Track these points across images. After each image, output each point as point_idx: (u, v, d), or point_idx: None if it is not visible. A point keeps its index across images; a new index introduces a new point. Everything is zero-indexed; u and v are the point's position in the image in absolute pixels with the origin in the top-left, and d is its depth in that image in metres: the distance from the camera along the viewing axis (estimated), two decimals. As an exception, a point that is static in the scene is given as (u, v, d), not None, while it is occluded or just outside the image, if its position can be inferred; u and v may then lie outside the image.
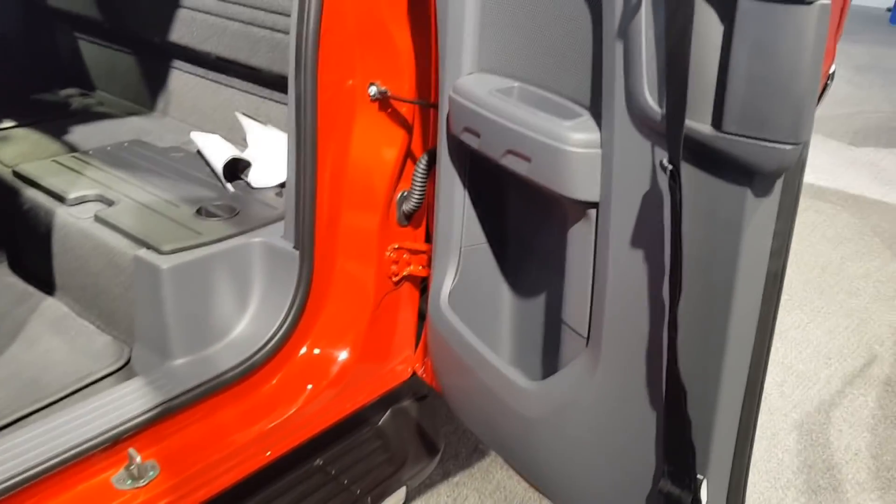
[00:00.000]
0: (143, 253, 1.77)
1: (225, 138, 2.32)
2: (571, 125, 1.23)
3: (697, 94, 1.02)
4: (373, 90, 1.74)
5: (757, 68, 0.95)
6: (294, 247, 1.78)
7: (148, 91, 2.64)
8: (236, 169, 2.13)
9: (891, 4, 11.07)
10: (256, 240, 1.84)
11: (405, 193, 1.85)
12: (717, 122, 1.02)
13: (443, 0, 1.44)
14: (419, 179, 1.79)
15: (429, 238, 1.94)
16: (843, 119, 5.95)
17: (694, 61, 0.99)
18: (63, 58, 2.88)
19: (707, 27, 1.00)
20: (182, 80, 2.52)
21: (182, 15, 2.29)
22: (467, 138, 1.41)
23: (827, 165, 5.05)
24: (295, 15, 1.65)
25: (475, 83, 1.41)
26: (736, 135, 1.00)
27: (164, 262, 1.73)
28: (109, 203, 1.99)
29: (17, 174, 2.13)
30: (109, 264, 1.87)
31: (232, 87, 2.36)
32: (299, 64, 1.66)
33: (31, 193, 2.07)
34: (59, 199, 2.01)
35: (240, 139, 2.31)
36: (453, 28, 1.43)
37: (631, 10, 1.07)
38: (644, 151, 1.12)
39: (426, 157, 1.77)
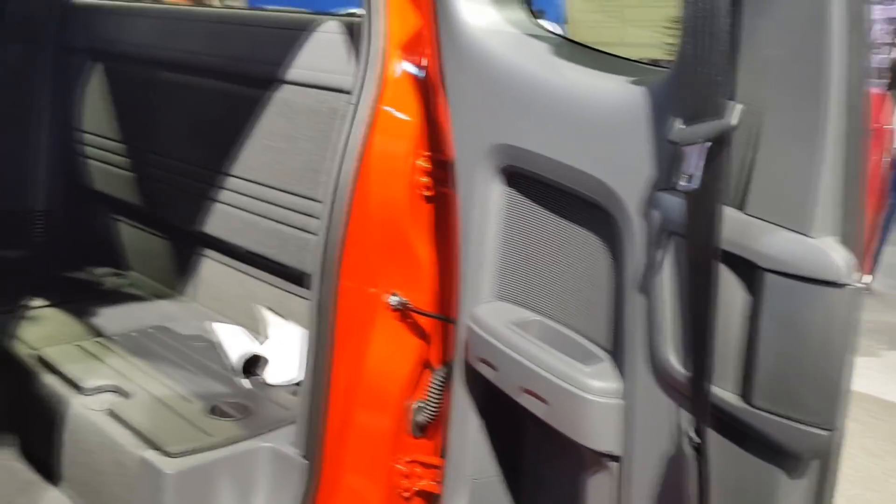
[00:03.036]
0: (149, 455, 1.74)
1: (247, 328, 2.31)
2: (591, 371, 1.18)
3: (724, 361, 0.97)
4: (393, 300, 1.73)
5: (786, 345, 0.91)
6: (303, 456, 1.73)
7: (178, 276, 2.69)
8: (254, 363, 2.11)
9: None
10: (265, 445, 1.81)
11: (420, 404, 1.80)
12: (745, 394, 0.96)
13: (466, 227, 1.44)
14: (435, 391, 1.74)
15: (444, 452, 1.86)
16: (873, 321, 5.80)
17: (720, 328, 0.94)
18: (100, 238, 2.95)
19: (733, 295, 0.96)
20: (211, 268, 2.56)
21: (217, 209, 2.35)
22: (483, 369, 1.37)
23: (859, 369, 4.86)
24: (325, 220, 1.67)
25: (493, 313, 1.38)
26: (766, 411, 0.93)
27: (170, 467, 1.70)
28: (125, 395, 1.98)
29: (39, 359, 2.13)
30: (115, 462, 1.82)
31: (259, 279, 2.39)
32: (323, 268, 1.68)
33: (49, 379, 2.06)
34: (76, 387, 2.00)
35: (262, 330, 2.30)
36: (475, 255, 1.42)
37: (653, 267, 1.04)
38: (669, 410, 1.06)
39: (443, 370, 1.73)
